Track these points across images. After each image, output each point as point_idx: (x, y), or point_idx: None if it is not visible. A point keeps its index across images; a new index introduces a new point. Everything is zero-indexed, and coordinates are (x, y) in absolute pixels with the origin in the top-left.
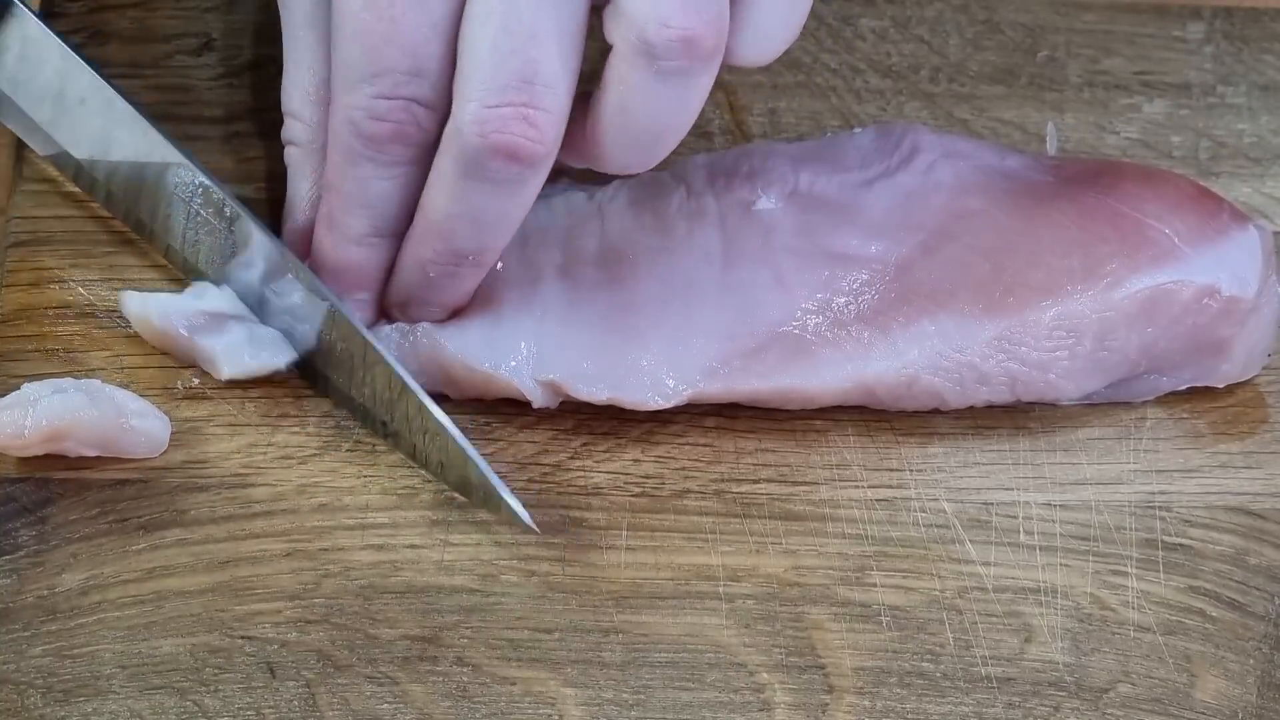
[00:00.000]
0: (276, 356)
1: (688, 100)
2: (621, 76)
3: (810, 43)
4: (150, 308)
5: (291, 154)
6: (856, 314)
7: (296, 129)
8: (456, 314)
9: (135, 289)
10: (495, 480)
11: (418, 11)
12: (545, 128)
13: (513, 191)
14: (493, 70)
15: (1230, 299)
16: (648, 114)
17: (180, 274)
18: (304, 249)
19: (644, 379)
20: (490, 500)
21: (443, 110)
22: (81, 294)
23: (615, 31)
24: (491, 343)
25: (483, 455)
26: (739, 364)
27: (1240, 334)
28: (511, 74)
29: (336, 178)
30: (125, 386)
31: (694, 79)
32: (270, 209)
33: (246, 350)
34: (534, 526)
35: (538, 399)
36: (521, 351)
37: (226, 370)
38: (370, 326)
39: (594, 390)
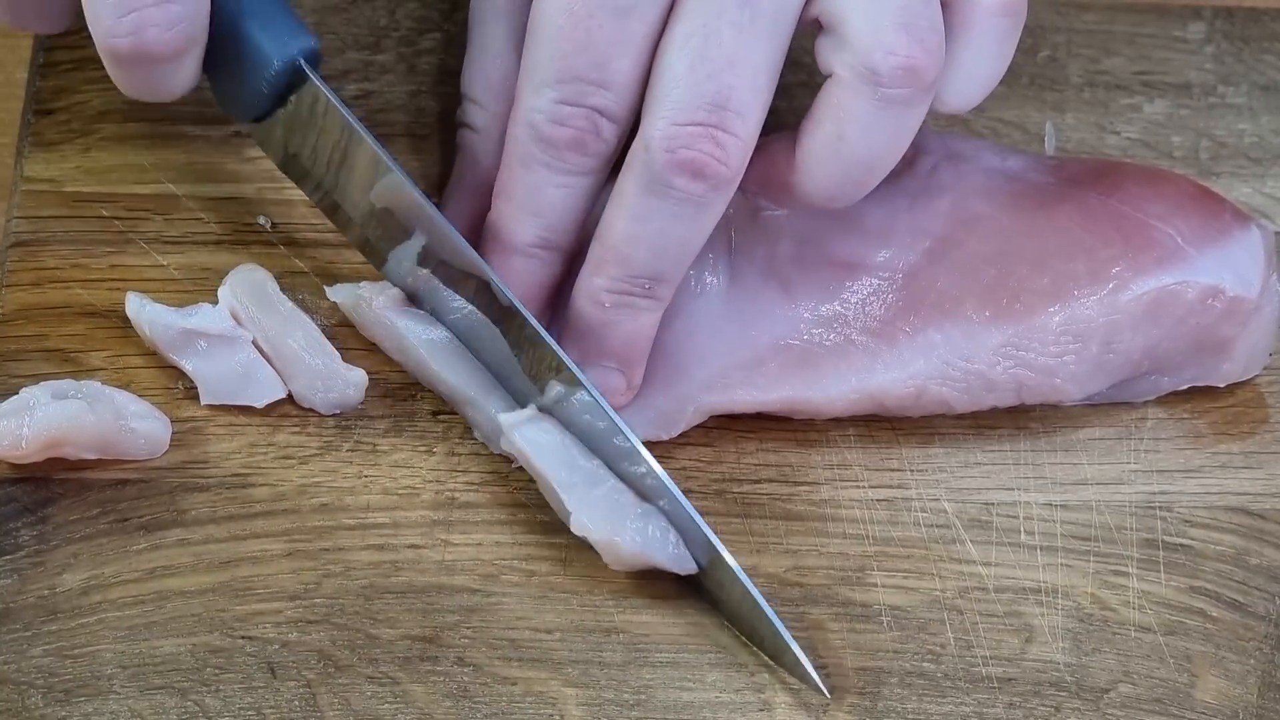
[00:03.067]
0: (259, 394)
1: (903, 131)
2: (841, 104)
3: (810, 42)
4: (143, 316)
5: (466, 137)
6: (863, 324)
7: (474, 113)
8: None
9: (140, 292)
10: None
11: (615, 27)
12: (732, 151)
13: (693, 214)
14: (687, 91)
15: (1234, 299)
16: (865, 143)
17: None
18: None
19: (650, 413)
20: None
21: (623, 127)
22: (81, 294)
23: (837, 60)
24: None
25: (483, 455)
26: (740, 376)
27: (1243, 334)
28: (705, 96)
29: (509, 183)
30: (125, 387)
31: (913, 109)
32: (270, 208)
33: (229, 383)
34: (824, 690)
35: None
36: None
37: (205, 398)
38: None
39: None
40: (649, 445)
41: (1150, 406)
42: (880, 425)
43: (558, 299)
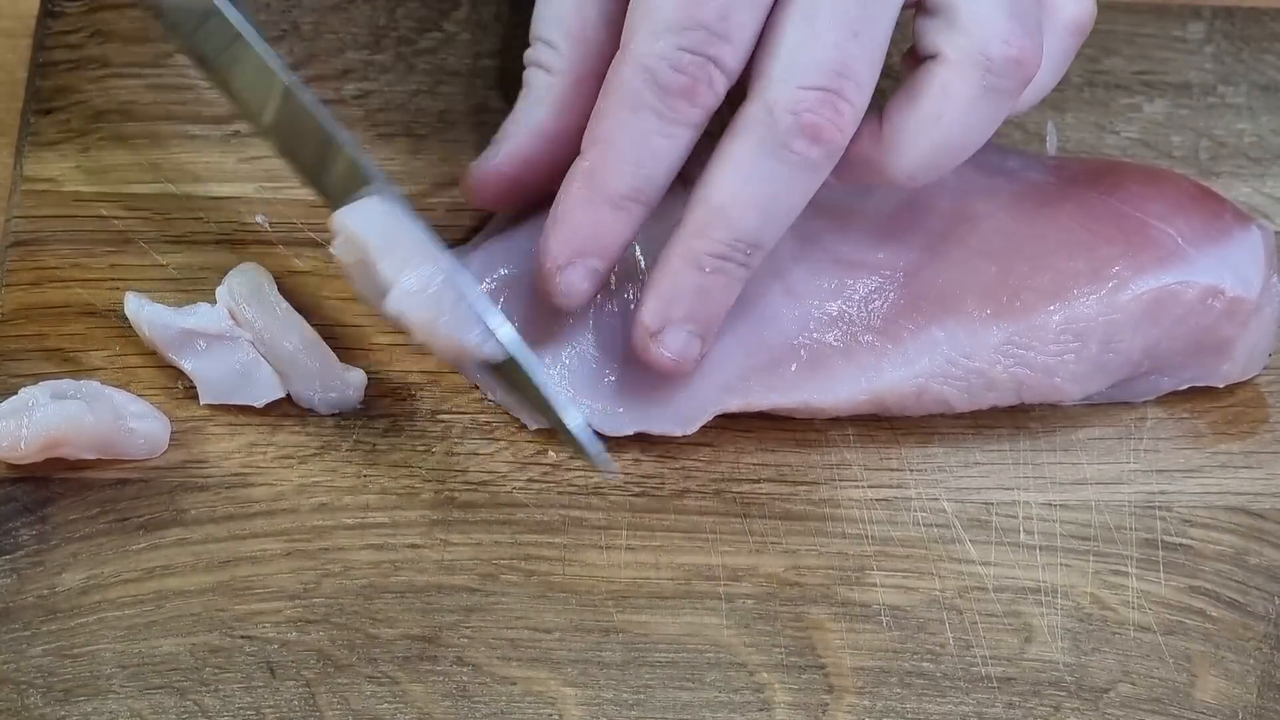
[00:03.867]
0: (259, 394)
1: (996, 119)
2: (945, 85)
3: None
4: (142, 316)
5: (536, 77)
6: (867, 323)
7: (547, 55)
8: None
9: (139, 291)
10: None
11: None
12: (849, 119)
13: (805, 179)
14: (814, 56)
15: (1234, 299)
16: (962, 126)
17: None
18: (506, 182)
19: (666, 409)
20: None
21: (732, 83)
22: (81, 294)
23: (946, 41)
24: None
25: (483, 455)
26: (758, 380)
27: (1242, 334)
28: (831, 63)
29: (610, 130)
30: (125, 386)
31: (1010, 99)
32: (269, 208)
33: (228, 383)
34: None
35: None
36: (578, 371)
37: (204, 398)
38: (587, 303)
39: (619, 427)
40: (663, 440)
41: (1150, 406)
42: (880, 425)
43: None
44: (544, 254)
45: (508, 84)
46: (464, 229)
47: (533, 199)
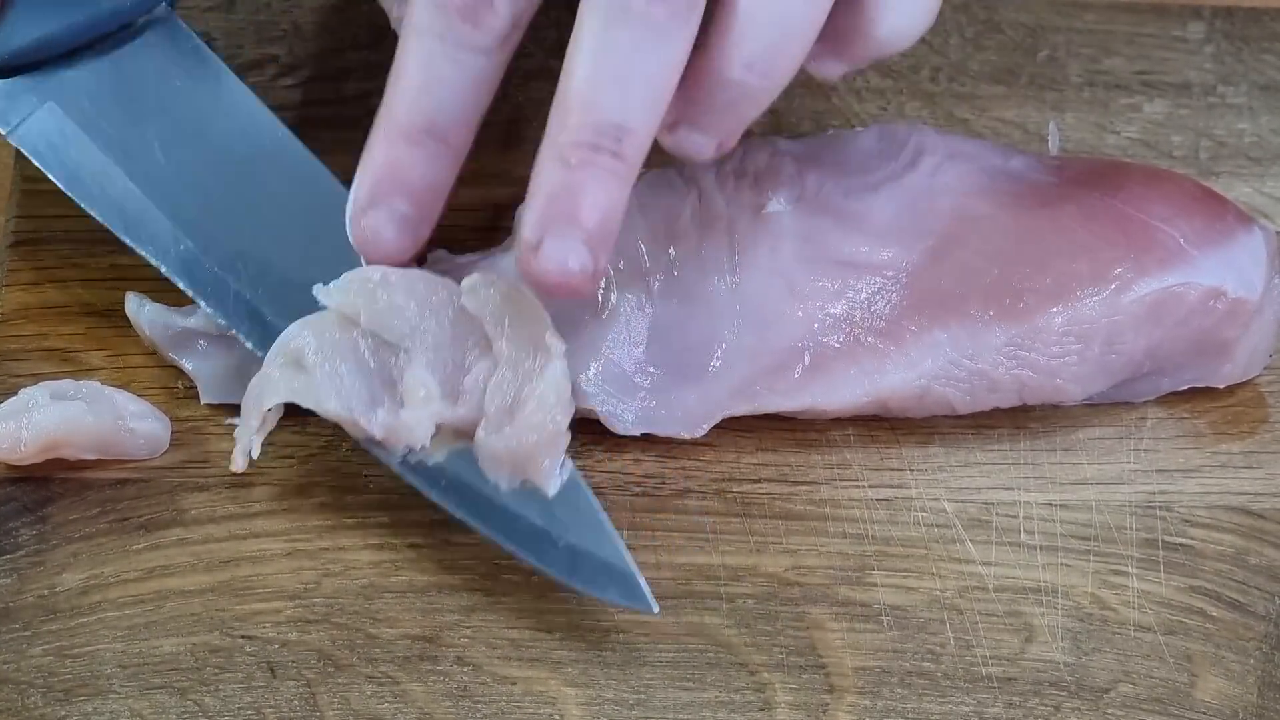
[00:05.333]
0: None
1: None
2: None
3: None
4: (142, 315)
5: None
6: (869, 324)
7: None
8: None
9: (139, 291)
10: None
11: None
12: None
13: (657, 44)
14: None
15: (1236, 301)
16: None
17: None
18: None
19: (675, 411)
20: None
21: (521, 4)
22: (81, 293)
23: None
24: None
25: None
26: (765, 384)
27: (1244, 335)
28: None
29: (399, 60)
30: (125, 386)
31: None
32: None
33: (229, 383)
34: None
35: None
36: (587, 369)
37: (204, 398)
38: (415, 262)
39: (628, 427)
40: (664, 440)
41: (1150, 406)
42: (880, 425)
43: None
44: (351, 196)
45: (507, 84)
46: (465, 229)
47: None
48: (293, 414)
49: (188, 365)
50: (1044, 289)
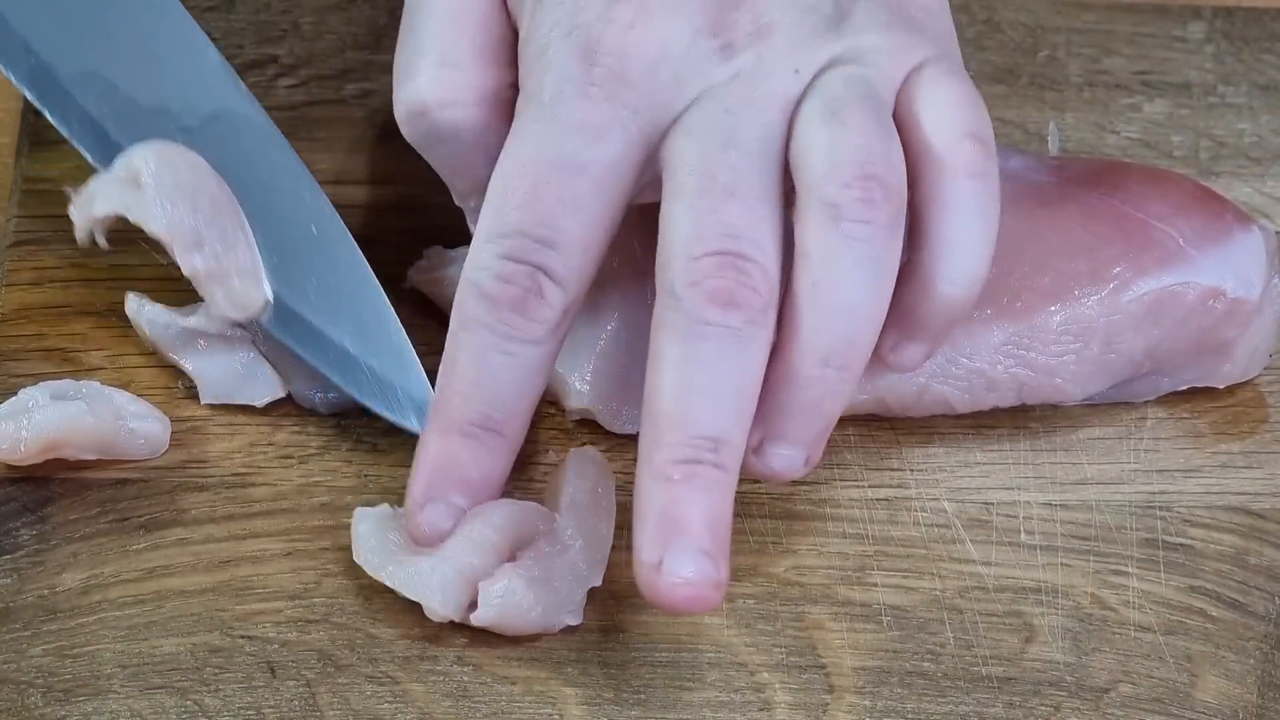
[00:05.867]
0: (259, 393)
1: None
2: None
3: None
4: (142, 316)
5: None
6: None
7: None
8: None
9: (139, 291)
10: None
11: (562, 184)
12: (757, 277)
13: (736, 351)
14: (694, 227)
15: (1235, 301)
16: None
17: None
18: None
19: None
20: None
21: (570, 296)
22: (81, 293)
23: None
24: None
25: None
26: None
27: (1243, 335)
28: (714, 227)
29: (451, 352)
30: (125, 386)
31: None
32: None
33: (229, 383)
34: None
35: (574, 414)
36: (586, 369)
37: (204, 398)
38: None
39: (625, 427)
40: None
41: (1150, 406)
42: (881, 425)
43: None
44: (408, 491)
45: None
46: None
47: None
48: (293, 414)
49: (188, 365)
50: (1042, 288)
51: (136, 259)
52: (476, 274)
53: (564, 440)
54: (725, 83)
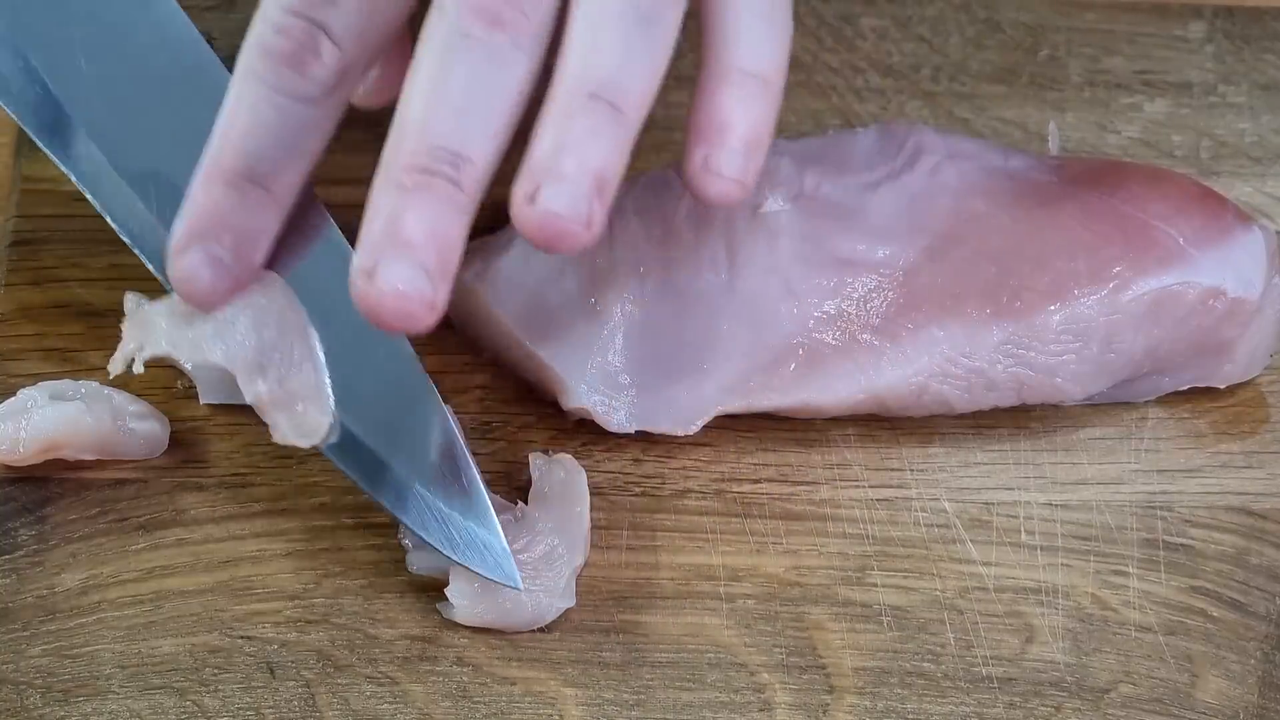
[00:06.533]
0: None
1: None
2: None
3: (811, 42)
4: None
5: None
6: (866, 322)
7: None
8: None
9: (139, 291)
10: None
11: None
12: (525, 4)
13: (492, 70)
14: None
15: (1235, 300)
16: None
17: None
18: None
19: (669, 408)
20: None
21: (348, 60)
22: (80, 293)
23: None
24: (567, 345)
25: (483, 455)
26: (759, 380)
27: (1244, 335)
28: None
29: (227, 103)
30: (124, 386)
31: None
32: None
33: (229, 382)
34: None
35: (574, 414)
36: (584, 369)
37: (204, 398)
38: (222, 297)
39: (622, 425)
40: (663, 440)
41: (1150, 406)
42: (880, 425)
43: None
44: (169, 239)
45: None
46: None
47: None
48: None
49: (187, 365)
50: (1042, 288)
51: (135, 258)
52: (261, 26)
53: (563, 440)
54: None
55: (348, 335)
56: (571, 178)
